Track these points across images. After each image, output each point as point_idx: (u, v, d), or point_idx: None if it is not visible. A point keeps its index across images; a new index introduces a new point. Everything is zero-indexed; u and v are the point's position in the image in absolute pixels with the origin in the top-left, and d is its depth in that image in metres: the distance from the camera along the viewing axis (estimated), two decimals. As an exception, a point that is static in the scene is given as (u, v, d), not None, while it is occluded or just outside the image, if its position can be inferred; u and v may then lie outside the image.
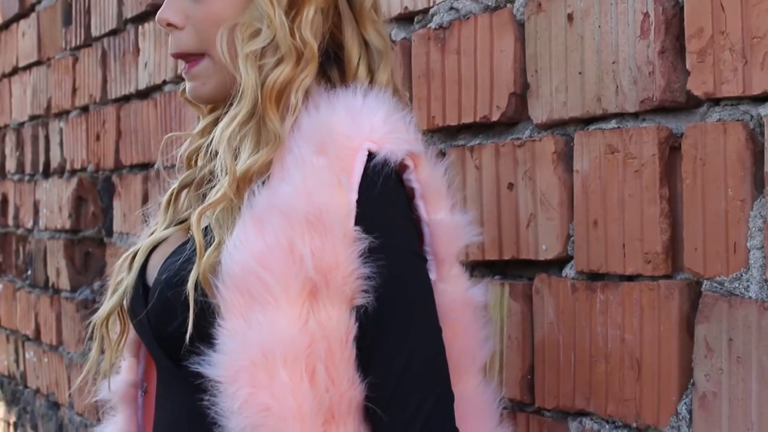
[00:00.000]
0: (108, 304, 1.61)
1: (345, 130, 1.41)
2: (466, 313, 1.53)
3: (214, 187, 1.49)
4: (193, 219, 1.46)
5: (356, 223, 1.37)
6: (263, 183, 1.41)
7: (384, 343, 1.38)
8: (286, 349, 1.34)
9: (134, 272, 1.58)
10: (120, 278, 1.61)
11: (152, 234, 1.63)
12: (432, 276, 1.46)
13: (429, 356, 1.41)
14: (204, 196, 1.57)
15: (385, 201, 1.40)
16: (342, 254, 1.36)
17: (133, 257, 1.61)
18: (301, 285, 1.35)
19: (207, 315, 1.39)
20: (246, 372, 1.34)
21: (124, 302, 1.59)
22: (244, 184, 1.43)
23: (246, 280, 1.36)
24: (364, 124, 1.42)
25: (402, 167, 1.44)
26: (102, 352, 1.61)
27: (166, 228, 1.62)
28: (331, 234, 1.36)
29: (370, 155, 1.40)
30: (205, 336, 1.38)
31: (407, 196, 1.46)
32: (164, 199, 1.65)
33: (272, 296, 1.35)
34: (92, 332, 1.62)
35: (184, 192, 1.64)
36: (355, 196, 1.38)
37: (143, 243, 1.61)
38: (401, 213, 1.44)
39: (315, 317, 1.36)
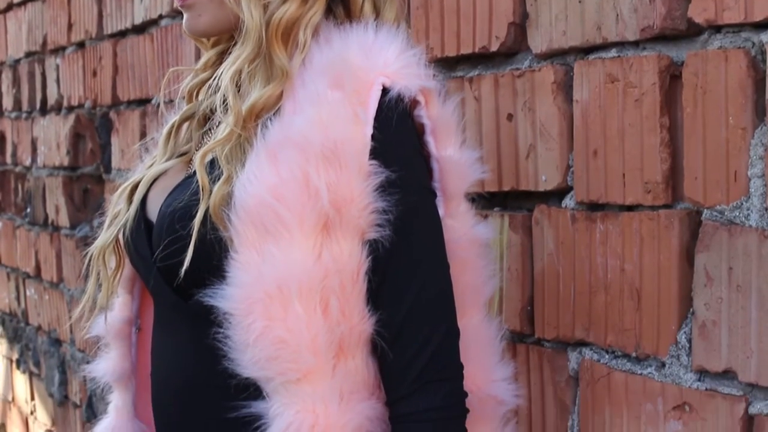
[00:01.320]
0: (105, 235, 1.60)
1: (360, 63, 1.40)
2: (473, 249, 1.53)
3: (217, 124, 1.49)
4: (197, 158, 1.45)
5: (371, 158, 1.37)
6: (275, 117, 1.40)
7: (394, 278, 1.39)
8: (301, 282, 1.34)
9: (135, 205, 1.57)
10: (117, 210, 1.60)
11: (151, 166, 1.61)
12: (440, 212, 1.46)
13: (437, 292, 1.41)
14: (205, 133, 1.56)
15: (399, 136, 1.40)
16: (357, 188, 1.36)
17: (133, 189, 1.60)
18: (316, 218, 1.35)
19: (217, 249, 1.38)
20: (260, 304, 1.34)
21: (121, 236, 1.59)
22: (250, 119, 1.42)
23: (260, 213, 1.36)
24: (378, 59, 1.41)
25: (413, 103, 1.44)
26: (99, 285, 1.61)
27: (166, 161, 1.61)
28: (346, 168, 1.36)
29: (384, 90, 1.39)
30: (215, 269, 1.38)
31: (417, 132, 1.45)
32: (164, 131, 1.64)
33: (287, 229, 1.35)
34: (89, 264, 1.61)
35: (185, 125, 1.63)
36: (370, 130, 1.37)
37: (143, 175, 1.60)
38: (414, 149, 1.43)
39: (329, 251, 1.36)
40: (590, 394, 1.62)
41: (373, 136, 1.37)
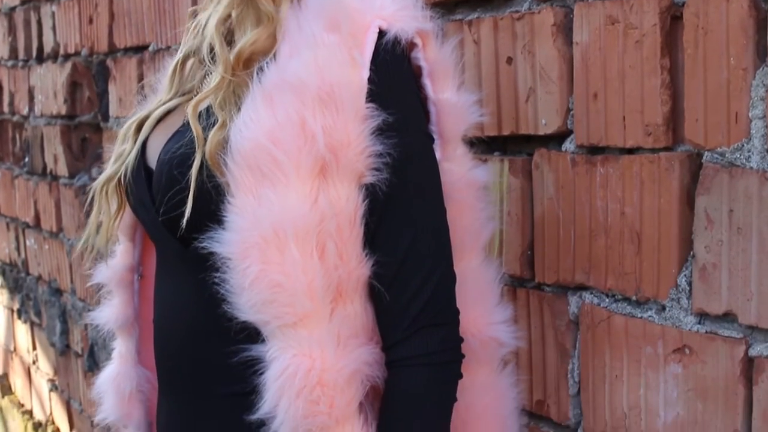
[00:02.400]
0: (109, 171, 1.59)
1: (356, 6, 1.38)
2: (470, 192, 1.53)
3: (210, 72, 1.48)
4: (189, 109, 1.44)
5: (368, 101, 1.36)
6: (271, 61, 1.39)
7: (390, 222, 1.38)
8: (297, 226, 1.34)
9: (135, 150, 1.56)
10: (122, 149, 1.59)
11: (158, 104, 1.60)
12: (437, 155, 1.45)
13: (434, 237, 1.41)
14: (206, 74, 1.54)
15: (397, 79, 1.39)
16: (353, 132, 1.35)
17: (138, 127, 1.59)
18: (312, 162, 1.34)
19: (214, 195, 1.38)
20: (256, 249, 1.34)
21: (122, 179, 1.58)
22: (238, 66, 1.42)
23: (256, 157, 1.35)
24: (374, 1, 1.39)
25: (410, 46, 1.43)
26: (98, 226, 1.60)
27: (171, 98, 1.59)
28: (343, 111, 1.35)
29: (381, 33, 1.38)
30: (213, 215, 1.37)
31: (414, 74, 1.44)
32: (170, 68, 1.62)
33: (283, 173, 1.34)
34: (91, 200, 1.61)
35: (189, 61, 1.61)
36: (367, 73, 1.36)
37: (149, 113, 1.59)
38: (411, 91, 1.42)
39: (325, 195, 1.35)
40: (590, 338, 1.62)
41: (369, 79, 1.36)
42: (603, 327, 1.59)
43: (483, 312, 1.54)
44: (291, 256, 1.34)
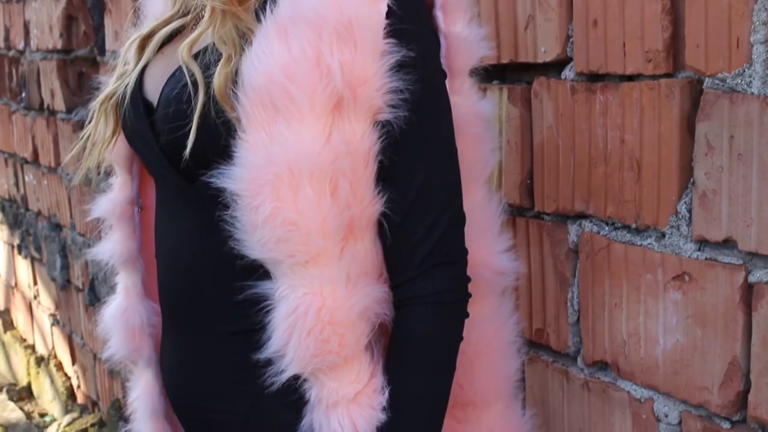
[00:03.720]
0: (110, 87, 1.56)
1: None
2: (478, 124, 1.52)
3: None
4: (182, 52, 1.41)
5: (387, 36, 1.33)
6: None
7: (404, 160, 1.37)
8: (312, 164, 1.31)
9: (136, 72, 1.54)
10: (125, 69, 1.57)
11: (163, 22, 1.57)
12: None
13: (445, 176, 1.40)
14: None
15: (414, 13, 1.37)
16: (372, 68, 1.32)
17: (141, 46, 1.57)
18: (327, 98, 1.31)
19: (223, 131, 1.36)
20: (269, 186, 1.32)
21: (120, 102, 1.56)
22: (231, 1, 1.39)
23: (270, 91, 1.32)
24: None
25: None
26: (92, 146, 1.59)
27: (176, 15, 1.57)
28: (362, 46, 1.32)
29: None
30: (221, 151, 1.36)
31: (427, 6, 1.43)
32: None
33: (297, 109, 1.31)
34: (91, 117, 1.59)
35: None
36: (385, 7, 1.33)
37: (152, 29, 1.56)
38: (428, 26, 1.40)
39: (340, 132, 1.33)
40: (590, 266, 1.62)
41: (387, 14, 1.34)
42: (602, 255, 1.59)
43: (486, 244, 1.53)
44: (305, 194, 1.32)
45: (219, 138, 1.35)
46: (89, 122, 1.59)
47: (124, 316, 1.65)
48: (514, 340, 1.59)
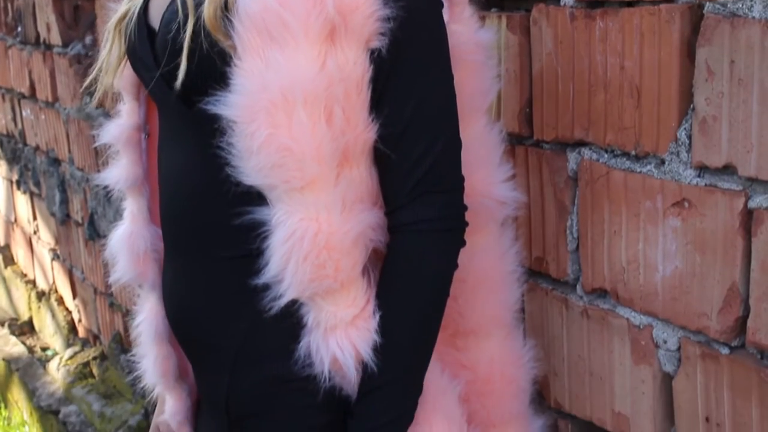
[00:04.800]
0: (123, 8, 1.56)
1: None
2: (478, 53, 1.52)
3: None
4: None
5: None
6: None
7: (397, 87, 1.37)
8: (306, 90, 1.32)
9: (137, 8, 1.53)
10: None
11: None
12: (445, 18, 1.43)
13: (440, 102, 1.40)
14: None
15: None
16: None
17: None
18: (321, 26, 1.32)
19: (218, 60, 1.36)
20: (264, 112, 1.33)
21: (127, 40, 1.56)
22: None
23: (265, 19, 1.32)
24: None
25: None
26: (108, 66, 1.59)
27: None
28: None
29: None
30: (219, 78, 1.36)
31: None
32: None
33: (292, 36, 1.32)
34: (106, 39, 1.59)
35: None
36: None
37: None
38: None
39: (333, 59, 1.33)
40: (589, 194, 1.62)
41: None
42: (602, 182, 1.59)
43: (487, 174, 1.53)
44: (299, 120, 1.32)
45: (214, 65, 1.35)
46: (105, 43, 1.60)
47: (130, 240, 1.67)
48: (514, 269, 1.60)
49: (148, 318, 1.69)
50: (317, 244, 1.35)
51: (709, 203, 1.42)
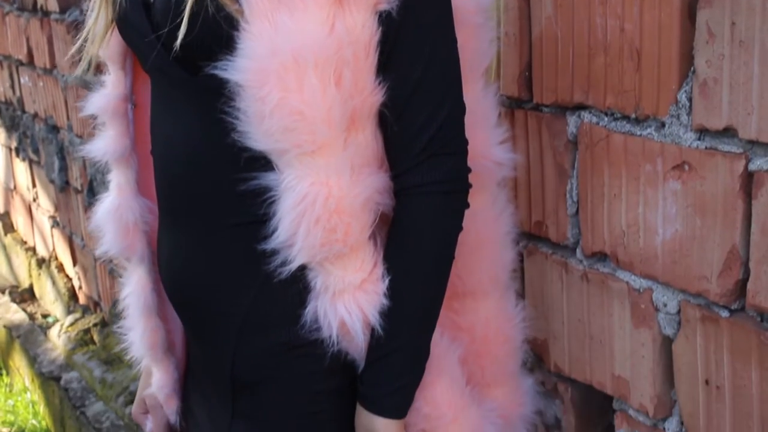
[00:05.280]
0: None
1: None
2: (477, 15, 1.51)
3: None
4: None
5: None
6: None
7: (405, 50, 1.37)
8: (316, 53, 1.31)
9: None
10: None
11: None
12: None
13: (447, 65, 1.40)
14: None
15: None
16: None
17: None
18: None
19: (224, 24, 1.34)
20: (275, 76, 1.32)
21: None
22: None
23: None
24: None
25: None
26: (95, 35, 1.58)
27: None
28: None
29: None
30: (224, 43, 1.34)
31: None
32: None
33: None
34: (91, 7, 1.57)
35: None
36: None
37: None
38: None
39: (342, 22, 1.33)
40: (589, 158, 1.61)
41: None
42: (602, 146, 1.58)
43: (484, 135, 1.53)
44: (310, 83, 1.32)
45: (220, 30, 1.34)
46: (90, 12, 1.58)
47: (117, 212, 1.65)
48: (510, 230, 1.60)
49: (135, 291, 1.68)
50: (328, 208, 1.35)
51: (710, 166, 1.41)
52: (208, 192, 1.46)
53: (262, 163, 1.37)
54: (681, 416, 1.54)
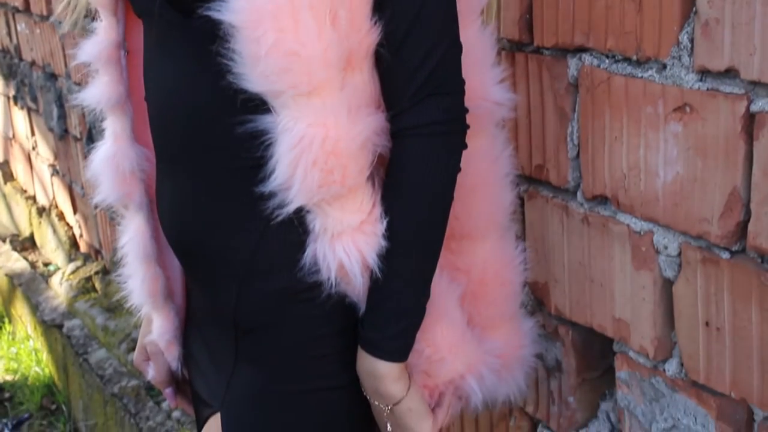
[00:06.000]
0: None
1: None
2: None
3: None
4: None
5: None
6: None
7: None
8: None
9: None
10: None
11: None
12: None
13: (442, 7, 1.39)
14: None
15: None
16: None
17: None
18: None
19: None
20: (270, 16, 1.30)
21: None
22: None
23: None
24: None
25: None
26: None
27: None
28: None
29: None
30: None
31: None
32: None
33: None
34: None
35: None
36: None
37: None
38: None
39: None
40: (590, 100, 1.60)
41: None
42: (603, 88, 1.57)
43: (482, 76, 1.53)
44: (305, 23, 1.31)
45: None
46: None
47: (114, 161, 1.64)
48: (508, 172, 1.60)
49: (134, 238, 1.68)
50: (325, 150, 1.35)
51: (711, 107, 1.41)
52: (204, 137, 1.46)
53: (258, 105, 1.36)
54: (681, 358, 1.54)
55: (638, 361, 1.62)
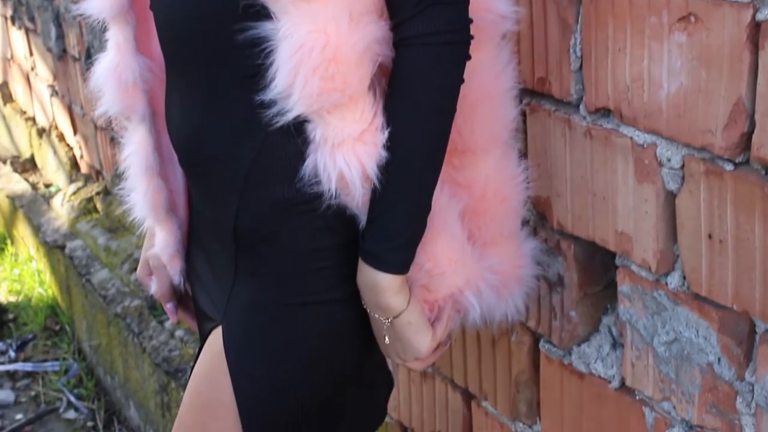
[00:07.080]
0: None
1: None
2: None
3: None
4: None
5: None
6: None
7: None
8: None
9: None
10: None
11: None
12: None
13: None
14: None
15: None
16: None
17: None
18: None
19: None
20: None
21: None
22: None
23: None
24: None
25: None
26: None
27: None
28: None
29: None
30: None
31: None
32: None
33: None
34: None
35: None
36: None
37: None
38: None
39: None
40: (593, 11, 1.58)
41: None
42: (606, -1, 1.55)
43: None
44: None
45: None
46: None
47: (117, 71, 1.63)
48: (512, 86, 1.59)
49: (137, 151, 1.67)
50: (326, 57, 1.34)
51: (716, 17, 1.38)
52: (207, 45, 1.45)
53: (260, 12, 1.35)
54: (683, 271, 1.54)
55: (640, 274, 1.62)
